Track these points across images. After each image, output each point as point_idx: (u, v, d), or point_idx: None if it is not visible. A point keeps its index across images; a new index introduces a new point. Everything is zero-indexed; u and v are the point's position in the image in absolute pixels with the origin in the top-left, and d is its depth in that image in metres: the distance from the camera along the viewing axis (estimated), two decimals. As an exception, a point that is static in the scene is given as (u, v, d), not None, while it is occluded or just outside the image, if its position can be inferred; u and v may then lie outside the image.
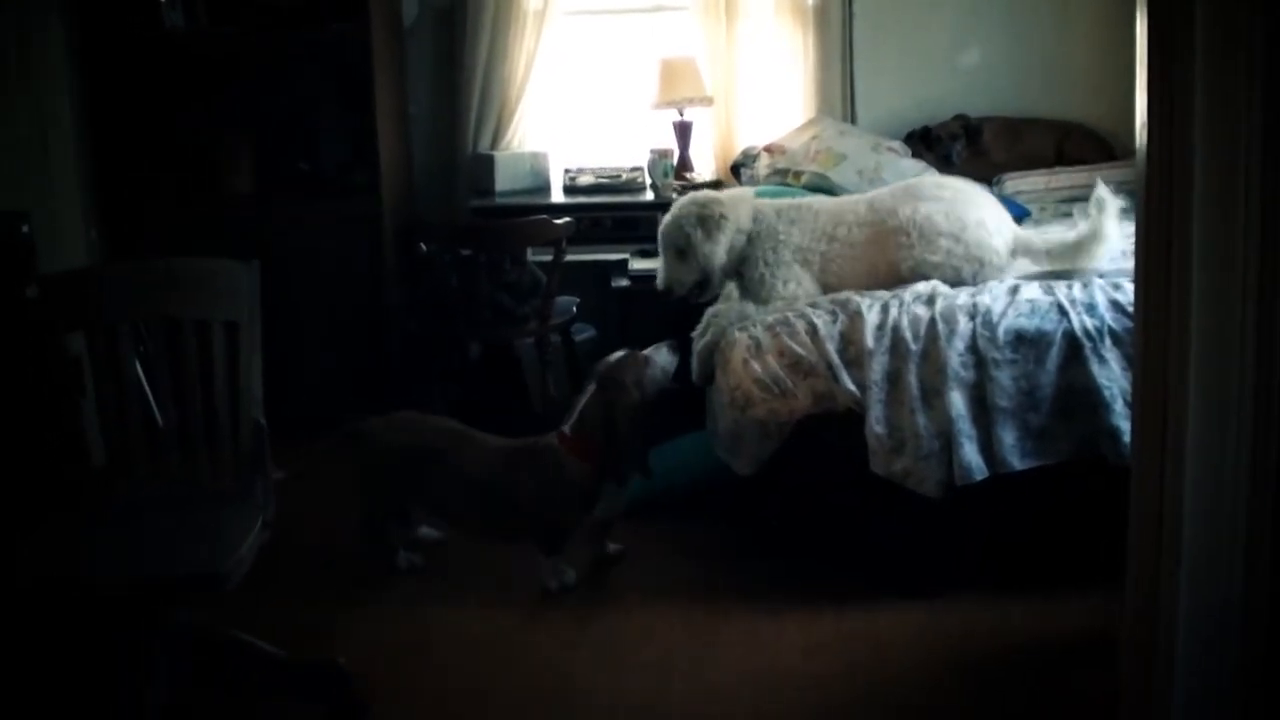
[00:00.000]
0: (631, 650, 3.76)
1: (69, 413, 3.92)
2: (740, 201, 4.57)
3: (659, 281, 4.61)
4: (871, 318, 4.01)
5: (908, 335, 3.93)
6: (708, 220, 4.45)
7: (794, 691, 3.48)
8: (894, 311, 4.02)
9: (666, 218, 4.59)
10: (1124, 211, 4.36)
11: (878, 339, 3.95)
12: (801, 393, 3.95)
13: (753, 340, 4.04)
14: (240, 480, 3.31)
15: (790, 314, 4.14)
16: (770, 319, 4.14)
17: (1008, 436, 3.83)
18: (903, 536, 3.99)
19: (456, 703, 3.51)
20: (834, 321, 4.06)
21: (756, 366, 3.99)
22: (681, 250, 4.50)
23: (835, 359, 3.94)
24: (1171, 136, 2.12)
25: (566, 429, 4.17)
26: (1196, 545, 2.18)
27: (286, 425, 3.77)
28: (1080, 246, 4.38)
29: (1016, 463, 3.83)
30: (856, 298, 4.15)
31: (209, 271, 3.43)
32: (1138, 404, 2.41)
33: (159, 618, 3.22)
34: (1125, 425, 3.64)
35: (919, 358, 3.90)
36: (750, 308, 4.35)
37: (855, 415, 3.91)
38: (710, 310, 4.47)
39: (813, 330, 4.02)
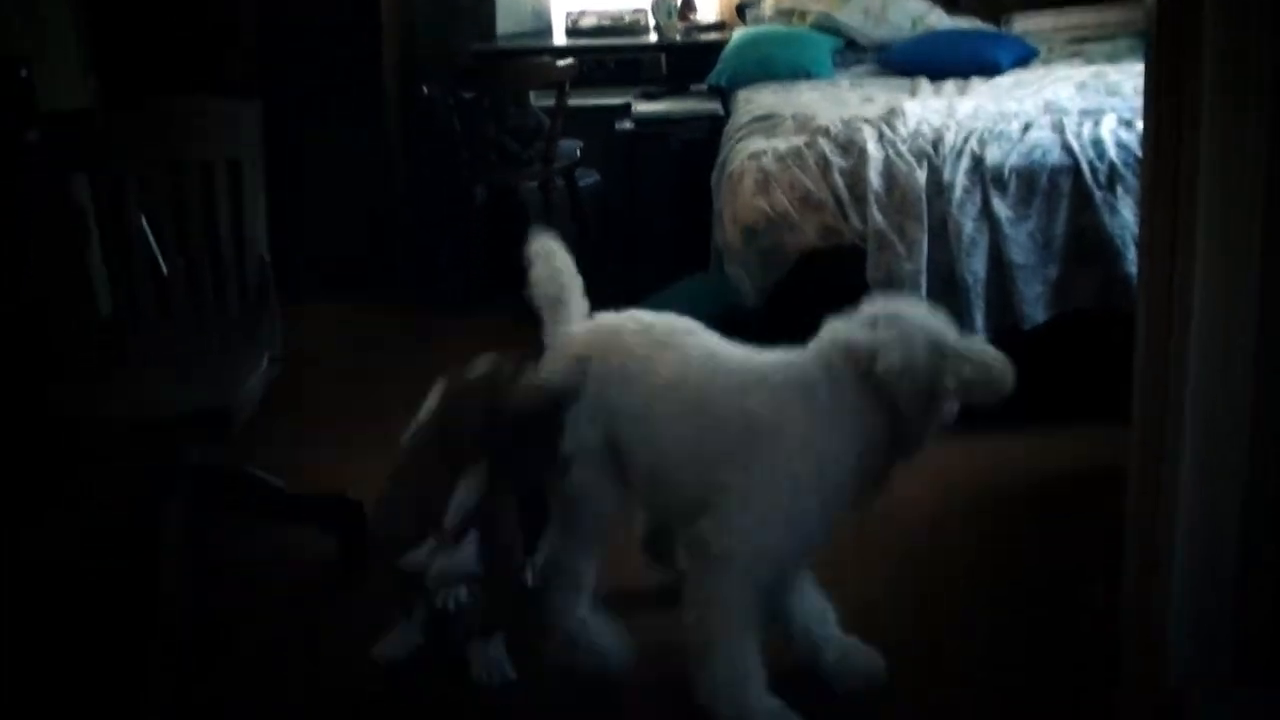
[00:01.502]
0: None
1: (76, 258, 3.92)
2: None
3: None
4: (875, 154, 3.99)
5: (913, 196, 3.92)
6: None
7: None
8: (898, 163, 3.99)
9: None
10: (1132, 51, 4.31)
11: (882, 180, 3.93)
12: (809, 226, 3.95)
13: (762, 172, 4.03)
14: (246, 317, 3.32)
15: (803, 143, 4.12)
16: (783, 147, 4.12)
17: (1029, 291, 3.85)
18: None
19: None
20: (843, 156, 4.04)
21: (763, 199, 3.98)
22: None
23: (845, 194, 3.94)
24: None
25: None
26: (1203, 378, 2.19)
27: (292, 273, 3.77)
28: None
29: (1040, 315, 3.85)
30: (863, 132, 4.12)
31: (211, 111, 3.41)
32: (1144, 246, 2.40)
33: (171, 455, 3.25)
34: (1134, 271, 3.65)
35: (928, 228, 3.90)
36: None
37: (862, 251, 3.91)
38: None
39: (824, 163, 4.01)
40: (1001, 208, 3.87)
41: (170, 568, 3.10)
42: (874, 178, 3.92)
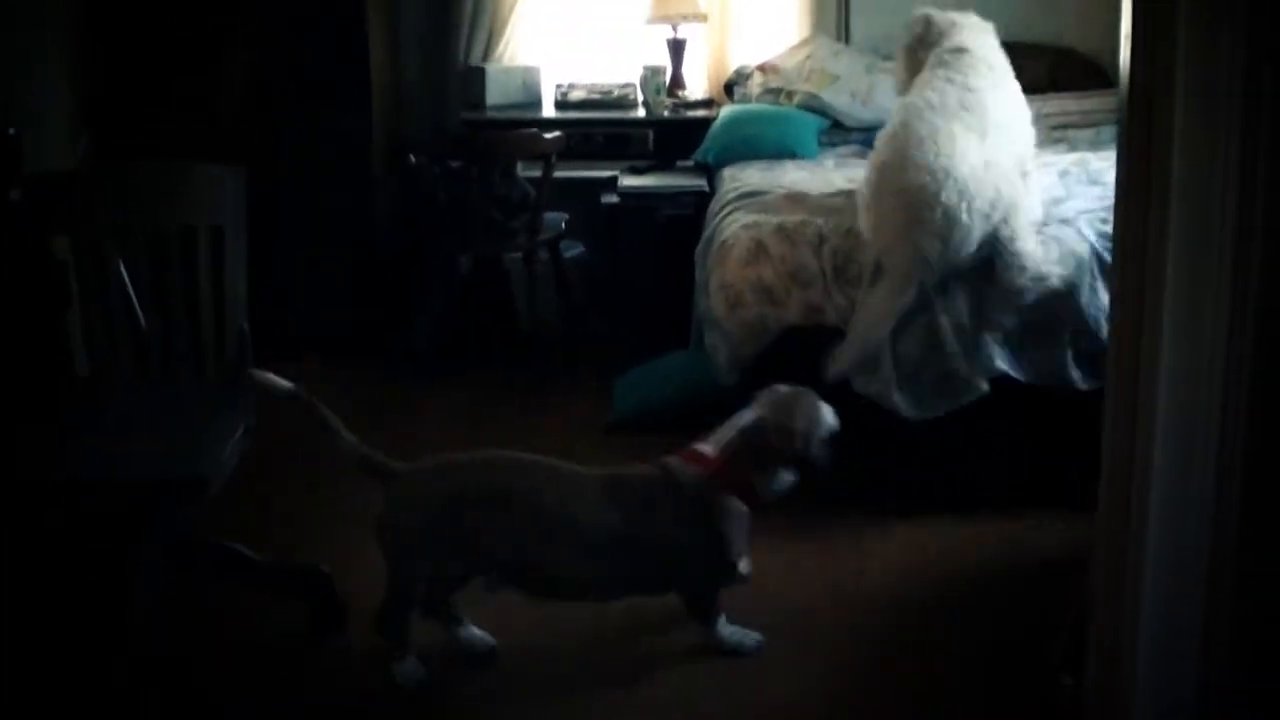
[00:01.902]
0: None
1: (55, 318, 3.92)
2: None
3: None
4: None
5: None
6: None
7: (772, 611, 3.49)
8: None
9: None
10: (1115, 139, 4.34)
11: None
12: (794, 302, 3.97)
13: (755, 242, 4.05)
14: (224, 385, 3.32)
15: (799, 220, 4.14)
16: (777, 221, 4.15)
17: (997, 344, 3.89)
18: (883, 455, 4.02)
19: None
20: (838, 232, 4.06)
21: (753, 269, 4.00)
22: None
23: (831, 273, 3.97)
24: (1154, 56, 2.11)
25: (708, 449, 3.20)
26: (1166, 470, 2.21)
27: (274, 337, 3.77)
28: None
29: (1007, 367, 3.90)
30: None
31: (195, 176, 3.43)
32: (1114, 330, 2.43)
33: (142, 522, 3.24)
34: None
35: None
36: None
37: (841, 333, 3.93)
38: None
39: (819, 241, 4.03)
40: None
41: (139, 633, 3.09)
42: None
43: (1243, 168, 2.04)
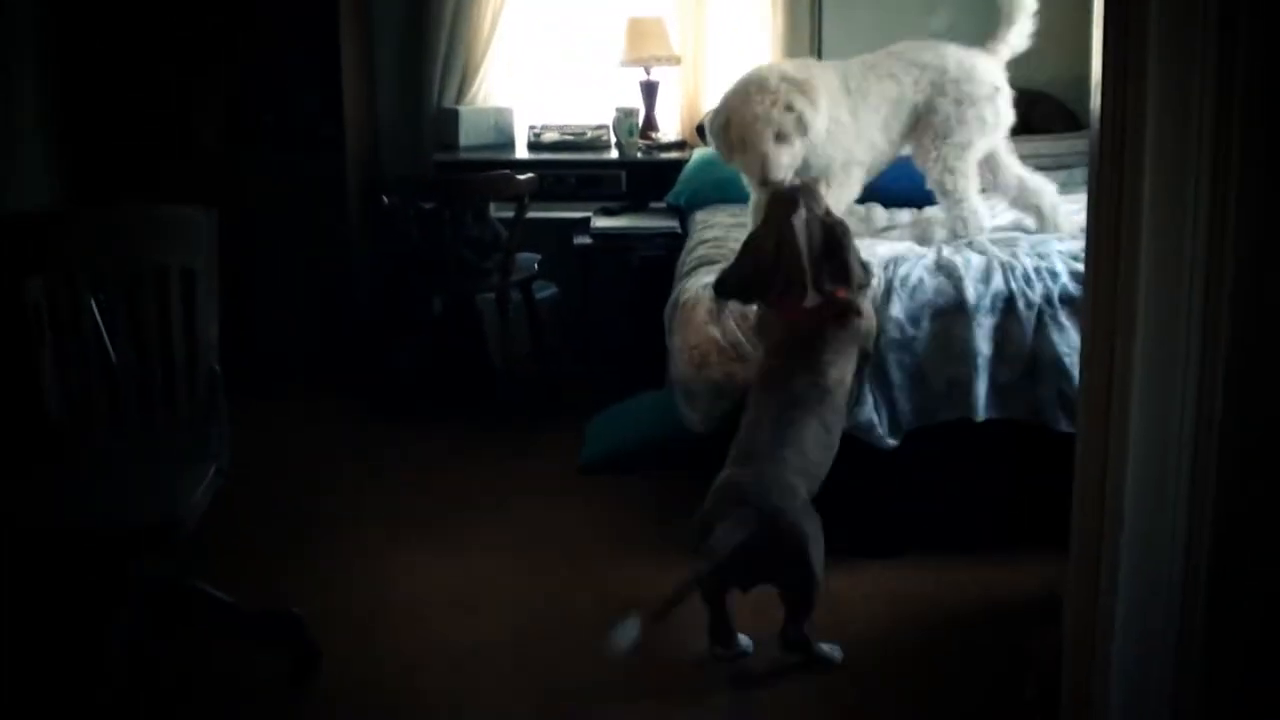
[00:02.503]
0: (586, 604, 3.78)
1: (27, 359, 3.90)
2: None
3: (771, 170, 4.14)
4: None
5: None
6: (808, 87, 4.20)
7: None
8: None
9: (749, 108, 4.18)
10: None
11: None
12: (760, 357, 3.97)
13: (715, 301, 4.05)
14: (196, 427, 3.31)
15: None
16: None
17: (980, 387, 3.89)
18: (859, 497, 4.02)
19: (411, 650, 3.54)
20: None
21: (716, 329, 3.99)
22: (783, 133, 4.17)
23: None
24: (1125, 99, 2.13)
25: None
26: (1137, 511, 2.22)
27: (249, 377, 3.77)
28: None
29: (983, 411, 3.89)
30: None
31: (167, 217, 3.41)
32: (1085, 372, 2.43)
33: (115, 566, 3.23)
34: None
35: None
36: None
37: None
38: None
39: None
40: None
41: (113, 681, 3.07)
42: None
43: (1212, 208, 2.06)
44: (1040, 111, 6.01)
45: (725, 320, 4.00)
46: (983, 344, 3.89)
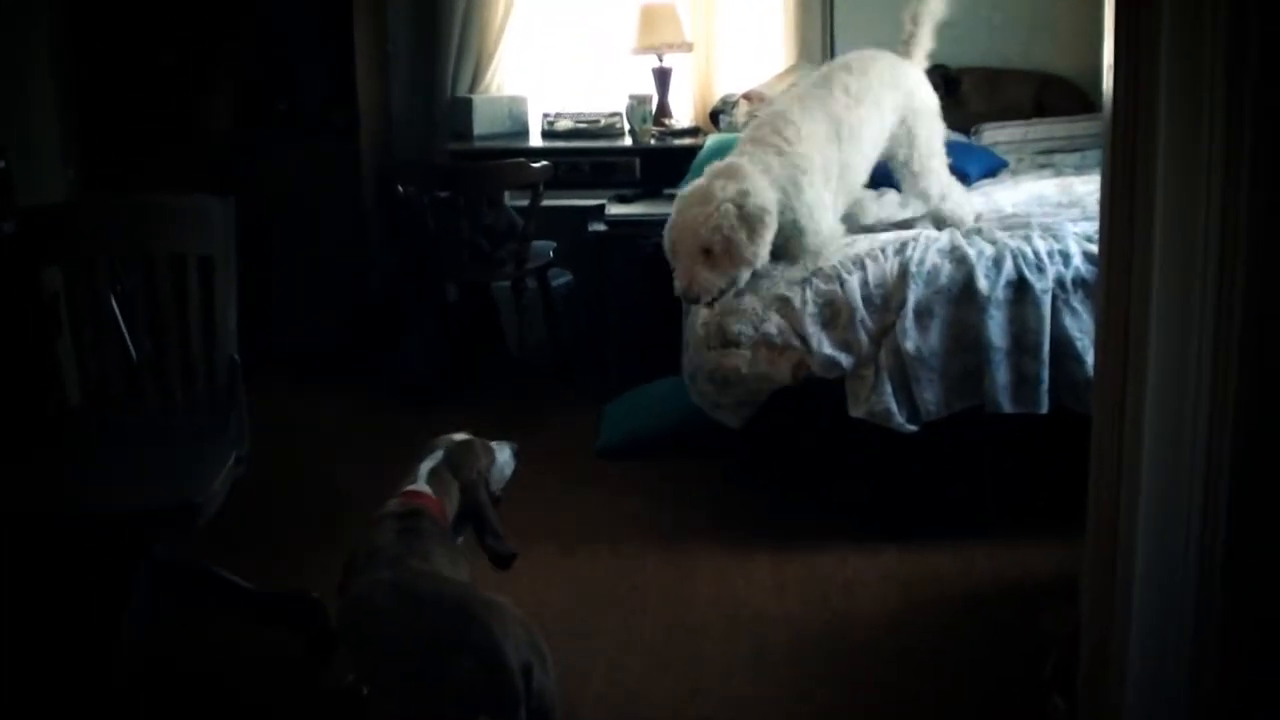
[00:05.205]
0: (604, 586, 3.81)
1: (47, 348, 3.93)
2: (756, 177, 4.00)
3: (678, 288, 4.04)
4: (853, 281, 3.99)
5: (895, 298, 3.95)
6: (752, 219, 3.92)
7: (764, 629, 3.52)
8: (871, 267, 4.01)
9: (686, 216, 4.00)
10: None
11: (865, 300, 3.96)
12: (781, 371, 3.95)
13: (718, 329, 4.03)
14: (214, 415, 3.33)
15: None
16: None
17: (1000, 377, 3.88)
18: (875, 479, 4.03)
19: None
20: (813, 288, 4.01)
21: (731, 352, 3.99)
22: (712, 252, 3.94)
23: (811, 330, 3.94)
24: (1137, 82, 2.14)
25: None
26: (1154, 493, 2.22)
27: (264, 364, 3.79)
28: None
29: (1008, 406, 3.89)
30: (833, 263, 4.07)
31: (185, 206, 3.44)
32: (1100, 354, 2.44)
33: (135, 551, 3.25)
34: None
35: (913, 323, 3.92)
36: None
37: (829, 382, 3.95)
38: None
39: (800, 310, 3.99)
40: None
41: (130, 663, 3.09)
42: (859, 305, 3.95)
43: (1225, 189, 2.07)
44: (1051, 93, 6.01)
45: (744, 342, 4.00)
46: (997, 335, 3.89)
